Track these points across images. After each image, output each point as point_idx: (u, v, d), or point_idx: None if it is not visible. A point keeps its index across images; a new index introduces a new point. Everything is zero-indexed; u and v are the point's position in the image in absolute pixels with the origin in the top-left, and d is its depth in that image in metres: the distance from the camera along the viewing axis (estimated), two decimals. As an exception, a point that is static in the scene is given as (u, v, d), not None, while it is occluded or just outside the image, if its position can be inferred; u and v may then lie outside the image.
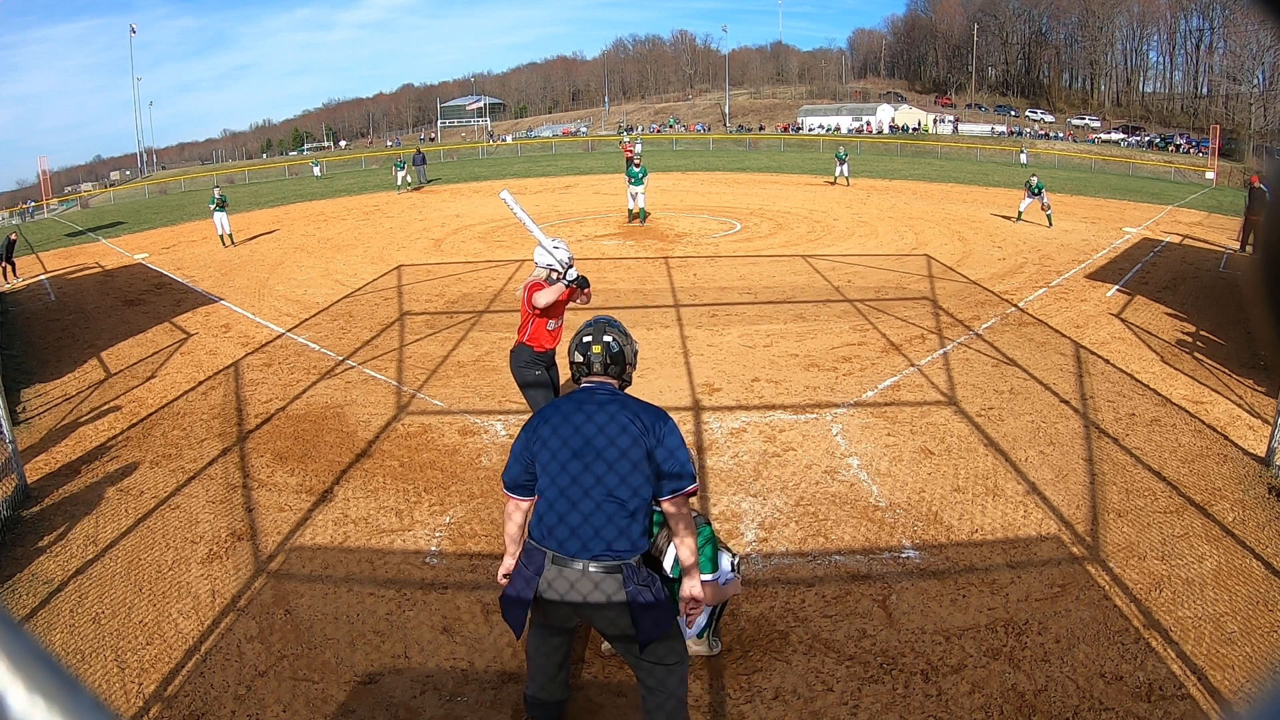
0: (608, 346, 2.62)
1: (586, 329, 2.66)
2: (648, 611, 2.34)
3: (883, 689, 3.10)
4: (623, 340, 2.67)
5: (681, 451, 2.45)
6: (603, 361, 2.60)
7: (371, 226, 17.25)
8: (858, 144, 46.95)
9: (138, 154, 62.77)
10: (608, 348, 2.62)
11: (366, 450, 5.50)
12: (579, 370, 2.63)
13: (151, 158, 63.73)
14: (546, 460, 2.43)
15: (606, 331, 2.66)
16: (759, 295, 9.71)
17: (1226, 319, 8.45)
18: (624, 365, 2.65)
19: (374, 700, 3.10)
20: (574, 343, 2.65)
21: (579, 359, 2.62)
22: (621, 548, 2.36)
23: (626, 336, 2.71)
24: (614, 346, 2.63)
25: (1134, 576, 3.83)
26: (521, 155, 46.69)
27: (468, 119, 75.63)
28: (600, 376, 2.60)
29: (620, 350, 2.64)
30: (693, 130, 63.53)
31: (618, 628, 2.40)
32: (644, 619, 2.34)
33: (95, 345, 8.69)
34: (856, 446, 5.36)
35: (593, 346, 2.61)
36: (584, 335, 2.65)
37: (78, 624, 3.62)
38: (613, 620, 2.38)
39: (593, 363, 2.60)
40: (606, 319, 2.73)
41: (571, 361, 2.65)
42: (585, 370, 2.61)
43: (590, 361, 2.60)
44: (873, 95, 68.78)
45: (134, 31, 57.49)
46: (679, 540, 2.46)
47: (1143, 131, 54.17)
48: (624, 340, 2.68)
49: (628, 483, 2.37)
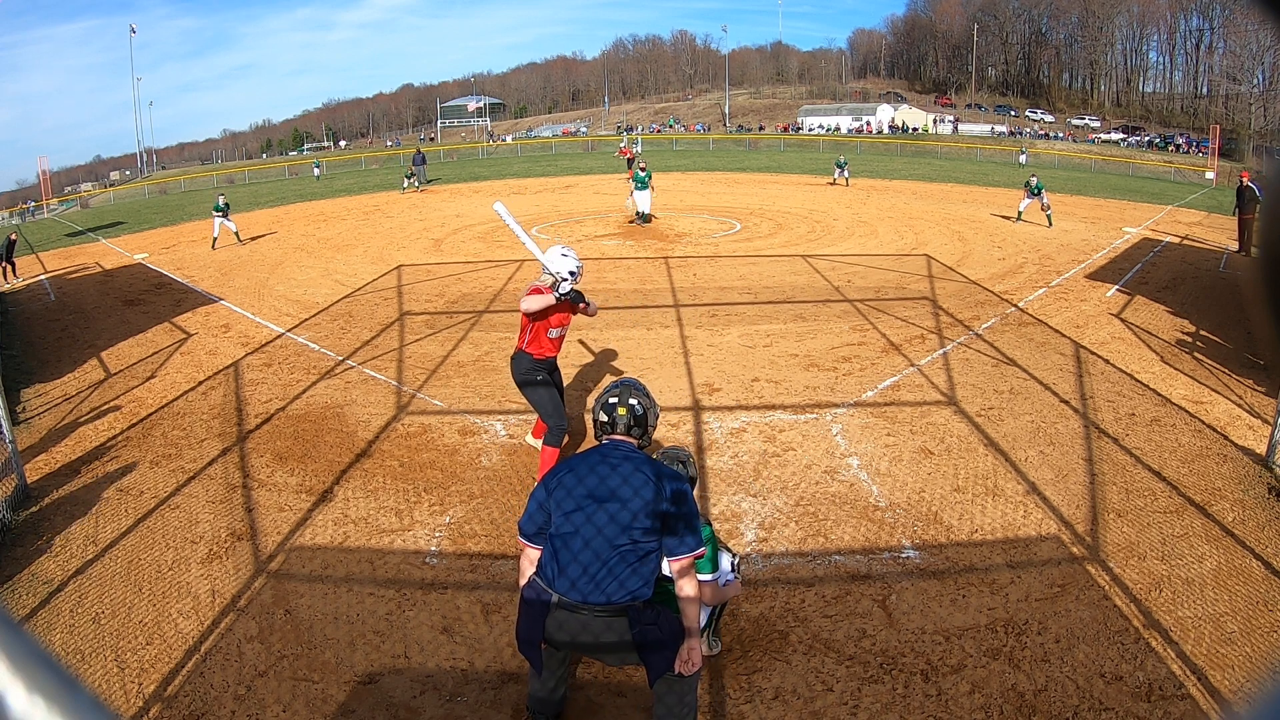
0: (632, 409, 2.77)
1: (612, 390, 2.82)
2: (655, 650, 2.44)
3: (883, 689, 3.10)
4: (646, 404, 2.81)
5: (694, 519, 2.55)
6: (626, 424, 2.75)
7: (371, 226, 17.25)
8: (857, 144, 46.98)
9: (138, 154, 62.83)
10: (632, 410, 2.77)
11: (366, 450, 5.50)
12: (602, 429, 2.78)
13: (151, 158, 63.77)
14: (563, 499, 2.54)
15: (632, 395, 2.81)
16: (759, 295, 9.71)
17: (1226, 319, 8.45)
18: (646, 428, 2.79)
19: (374, 700, 3.10)
20: (599, 402, 2.81)
21: (604, 419, 2.77)
22: (633, 586, 2.44)
23: (650, 400, 2.85)
24: (638, 409, 2.78)
25: (1134, 576, 3.83)
26: (521, 155, 46.69)
27: (468, 119, 75.64)
28: (622, 436, 2.74)
29: (644, 414, 2.79)
30: (693, 130, 63.55)
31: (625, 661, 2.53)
32: (652, 657, 2.44)
33: (95, 345, 8.69)
34: (856, 446, 5.36)
35: (618, 409, 2.77)
36: (610, 396, 2.80)
37: (78, 624, 3.62)
38: (620, 657, 2.50)
39: (617, 423, 2.75)
40: (632, 381, 2.90)
41: (595, 420, 2.80)
42: (609, 429, 2.76)
43: (615, 422, 2.76)
44: (873, 95, 68.80)
45: (134, 31, 57.55)
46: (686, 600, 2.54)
47: (1143, 131, 54.20)
48: (648, 404, 2.82)
49: (639, 523, 2.47)
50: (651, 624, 2.43)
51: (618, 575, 2.43)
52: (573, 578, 2.44)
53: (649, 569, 2.50)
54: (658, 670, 2.45)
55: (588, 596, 2.42)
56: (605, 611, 2.41)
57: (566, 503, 2.53)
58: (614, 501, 2.49)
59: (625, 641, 2.41)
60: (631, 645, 2.41)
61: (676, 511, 2.51)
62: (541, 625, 2.46)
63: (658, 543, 2.51)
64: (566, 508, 2.53)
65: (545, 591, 2.47)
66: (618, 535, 2.45)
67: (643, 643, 2.41)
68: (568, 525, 2.50)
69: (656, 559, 2.53)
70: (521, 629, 2.55)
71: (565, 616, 2.43)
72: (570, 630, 2.43)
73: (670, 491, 2.53)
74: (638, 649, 2.42)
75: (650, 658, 2.43)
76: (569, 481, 2.57)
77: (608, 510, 2.48)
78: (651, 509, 2.48)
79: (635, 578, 2.45)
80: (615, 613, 2.42)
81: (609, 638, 2.41)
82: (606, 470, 2.57)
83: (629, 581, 2.44)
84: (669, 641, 2.47)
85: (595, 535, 2.47)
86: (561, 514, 2.53)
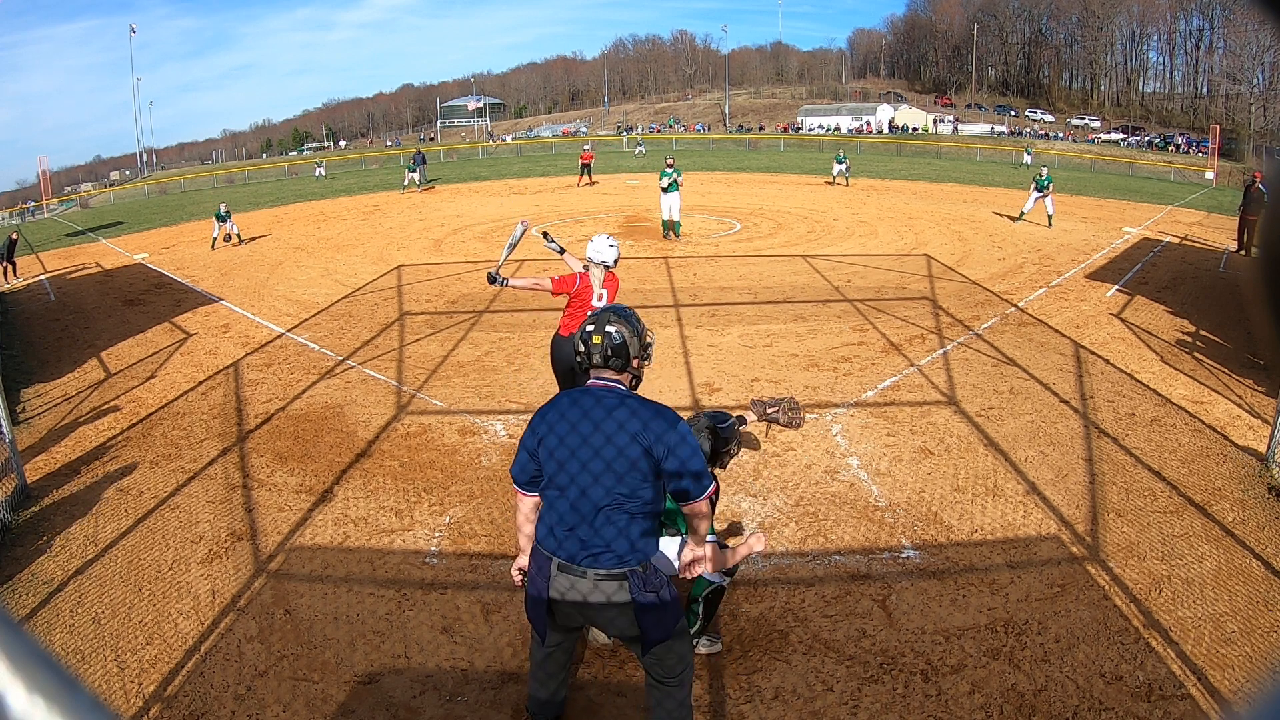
0: (609, 337, 2.43)
1: (591, 317, 2.50)
2: (652, 613, 2.32)
3: (883, 689, 3.10)
4: (628, 331, 2.46)
5: (695, 460, 2.34)
6: (602, 353, 2.42)
7: (371, 226, 17.25)
8: (857, 144, 46.96)
9: (138, 154, 62.82)
10: (609, 338, 2.43)
11: (366, 450, 5.50)
12: (581, 362, 2.48)
13: (151, 158, 63.77)
14: (546, 459, 2.36)
15: (611, 321, 2.47)
16: (759, 295, 9.71)
17: (1226, 319, 8.44)
18: (627, 358, 2.45)
19: (374, 700, 3.10)
20: (578, 331, 2.50)
21: (580, 349, 2.47)
22: (622, 550, 2.30)
23: (635, 327, 2.49)
24: (616, 338, 2.43)
25: (1134, 576, 3.83)
26: (521, 155, 46.68)
27: (468, 119, 75.64)
28: (603, 370, 2.44)
29: (623, 342, 2.43)
30: (692, 130, 63.55)
31: (622, 630, 2.38)
32: (648, 621, 2.32)
33: (95, 345, 8.69)
34: (856, 446, 5.36)
35: (593, 336, 2.44)
36: (587, 324, 2.48)
37: (78, 624, 3.62)
38: (620, 623, 2.35)
39: (592, 354, 2.43)
40: (618, 307, 2.56)
41: (574, 351, 2.50)
42: (586, 361, 2.46)
43: (590, 353, 2.44)
44: (873, 95, 68.81)
45: (134, 31, 57.55)
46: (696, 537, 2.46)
47: (1143, 131, 54.20)
48: (630, 331, 2.47)
49: (625, 482, 2.28)
50: (652, 591, 2.32)
51: (605, 539, 2.29)
52: (563, 542, 2.32)
53: (638, 529, 2.33)
54: (652, 637, 2.33)
55: (584, 560, 2.30)
56: (605, 575, 2.30)
57: (560, 451, 2.33)
58: (594, 458, 2.28)
59: (625, 603, 2.30)
60: (628, 607, 2.30)
61: (678, 457, 2.30)
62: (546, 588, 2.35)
63: (655, 492, 2.34)
64: (549, 469, 2.34)
65: (545, 559, 2.36)
66: (612, 489, 2.27)
67: (638, 605, 2.29)
68: (562, 476, 2.32)
69: (646, 519, 2.35)
70: (529, 594, 2.43)
71: (566, 580, 2.33)
72: (571, 593, 2.32)
73: (668, 437, 2.30)
74: (635, 613, 2.30)
75: (646, 623, 2.31)
76: (561, 429, 2.34)
77: (603, 458, 2.28)
78: (630, 458, 2.28)
79: (622, 540, 2.30)
80: (616, 577, 2.30)
81: (610, 598, 2.30)
82: (601, 415, 2.32)
83: (616, 545, 2.30)
84: (668, 605, 2.37)
85: (580, 498, 2.29)
86: (554, 463, 2.34)
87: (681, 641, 2.48)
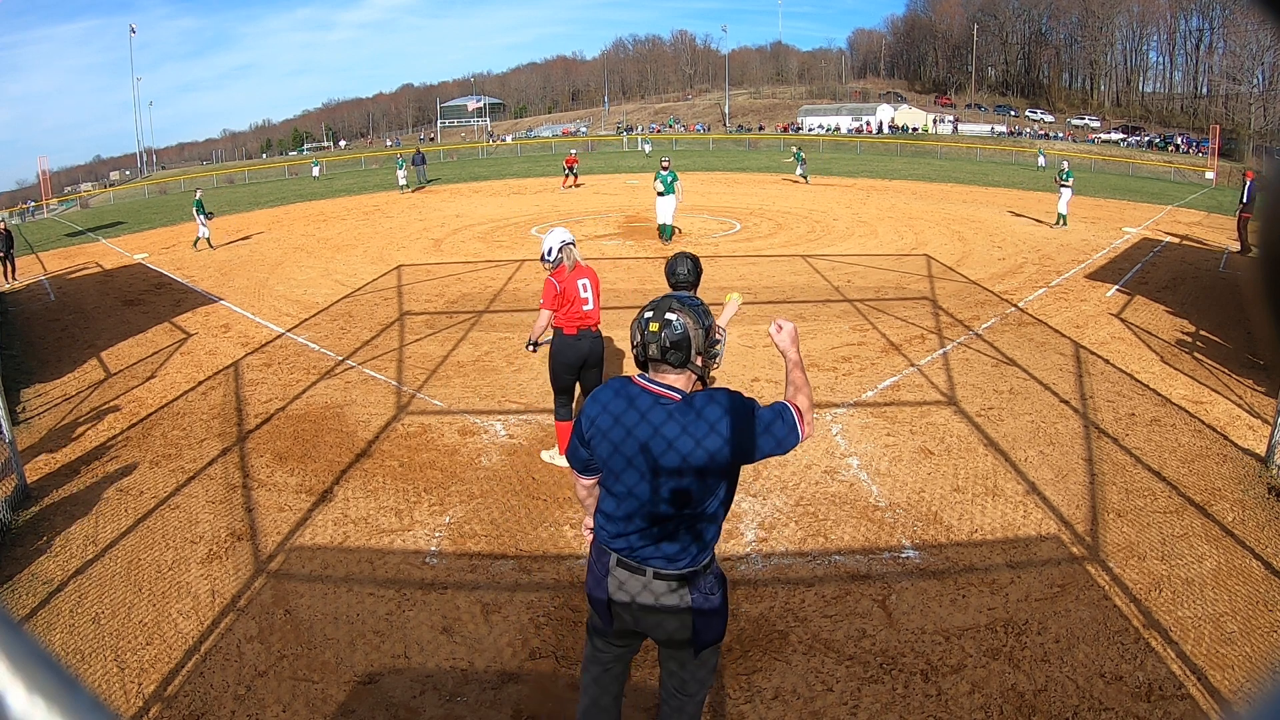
0: (669, 326, 2.14)
1: (651, 304, 2.24)
2: (708, 618, 2.25)
3: (883, 689, 3.10)
4: (691, 321, 2.16)
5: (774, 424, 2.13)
6: (660, 345, 2.13)
7: (371, 226, 17.25)
8: (857, 144, 46.98)
9: (138, 154, 62.86)
10: (669, 328, 2.13)
11: (366, 450, 5.50)
12: (637, 354, 2.22)
13: (151, 158, 63.79)
14: (607, 456, 2.18)
15: (673, 308, 2.17)
16: (759, 295, 9.71)
17: (1226, 319, 8.44)
18: (689, 353, 2.16)
19: (374, 700, 3.10)
20: (636, 319, 2.23)
21: (636, 338, 2.20)
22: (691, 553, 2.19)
23: (700, 317, 2.20)
24: (678, 328, 2.13)
25: (1134, 576, 3.83)
26: (521, 155, 46.68)
27: (468, 119, 75.65)
28: (660, 365, 2.17)
29: (684, 334, 2.13)
30: (692, 130, 63.56)
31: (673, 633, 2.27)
32: (703, 625, 2.24)
33: (95, 345, 8.69)
34: (856, 446, 5.36)
35: (650, 324, 2.16)
36: (645, 310, 2.22)
37: (78, 624, 3.62)
38: (672, 626, 2.25)
39: (649, 344, 2.15)
40: (684, 295, 2.28)
41: (632, 342, 2.23)
42: (642, 353, 2.19)
43: (646, 342, 2.16)
44: (872, 95, 68.82)
45: (134, 32, 57.59)
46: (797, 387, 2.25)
47: (1142, 131, 54.22)
48: (694, 322, 2.17)
49: (689, 493, 2.10)
50: (710, 593, 2.24)
51: (680, 541, 2.15)
52: (631, 541, 2.18)
53: (714, 529, 2.19)
54: (704, 639, 2.25)
55: (647, 560, 2.17)
56: (667, 576, 2.17)
57: (615, 460, 2.14)
58: (671, 454, 2.07)
59: (681, 608, 2.20)
60: (687, 611, 2.20)
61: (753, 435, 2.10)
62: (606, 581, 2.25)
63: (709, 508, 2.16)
64: (615, 466, 2.15)
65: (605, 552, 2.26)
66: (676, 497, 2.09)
67: (697, 609, 2.20)
68: (618, 485, 2.16)
69: (721, 514, 2.21)
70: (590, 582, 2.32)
71: (626, 576, 2.22)
72: (630, 590, 2.22)
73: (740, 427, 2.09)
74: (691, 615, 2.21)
75: (701, 626, 2.23)
76: (616, 435, 2.13)
77: (664, 466, 2.08)
78: (717, 459, 2.08)
79: (696, 543, 2.16)
80: (675, 579, 2.18)
81: (669, 601, 2.20)
82: (662, 417, 2.10)
83: (690, 548, 2.16)
84: (721, 610, 2.28)
85: (650, 496, 2.11)
86: (609, 470, 2.17)
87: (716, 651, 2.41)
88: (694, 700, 2.43)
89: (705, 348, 2.21)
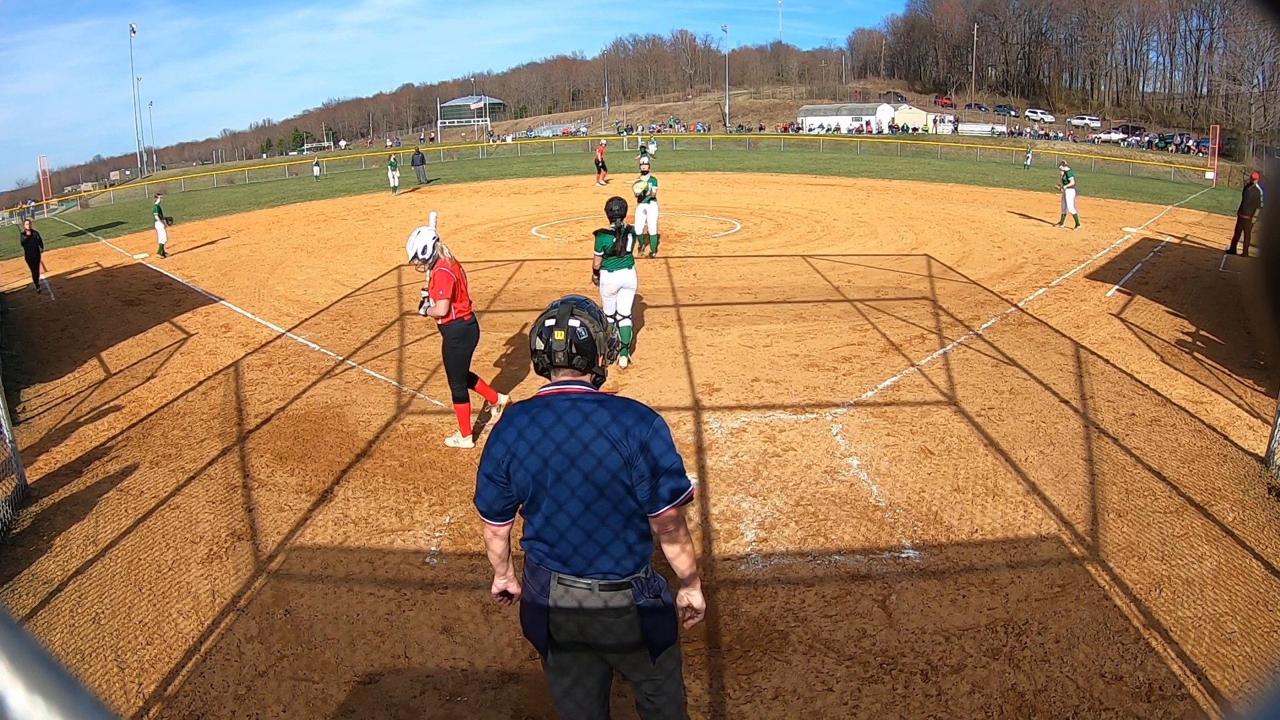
0: (573, 333, 2.16)
1: (551, 310, 2.23)
2: (655, 617, 2.20)
3: (883, 689, 3.10)
4: (594, 326, 2.21)
5: (668, 458, 2.10)
6: (566, 351, 2.16)
7: (371, 226, 17.25)
8: (857, 144, 46.94)
9: (138, 154, 62.84)
10: (573, 334, 2.16)
11: (366, 450, 5.50)
12: (540, 361, 2.21)
13: (151, 158, 63.77)
14: (527, 482, 2.13)
15: (575, 314, 2.20)
16: (759, 295, 9.71)
17: (1226, 319, 8.44)
18: (594, 357, 2.19)
19: (374, 700, 3.10)
20: (535, 326, 2.22)
21: (539, 346, 2.19)
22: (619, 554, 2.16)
23: (600, 321, 2.24)
24: (581, 333, 2.17)
25: (1134, 576, 3.83)
26: (521, 155, 46.68)
27: (468, 119, 75.65)
28: (566, 370, 2.20)
29: (589, 338, 2.18)
30: (692, 130, 63.55)
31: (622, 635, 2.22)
32: (651, 625, 2.20)
33: (95, 345, 8.69)
34: (856, 446, 5.36)
35: (555, 332, 2.17)
36: (546, 318, 2.20)
37: (78, 624, 3.62)
38: (620, 629, 2.20)
39: (554, 351, 2.17)
40: (578, 299, 2.28)
41: (531, 349, 2.22)
42: (547, 361, 2.19)
43: (552, 350, 2.17)
44: (873, 95, 68.77)
45: (134, 31, 57.51)
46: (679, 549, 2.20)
47: (1143, 131, 54.20)
48: (596, 325, 2.21)
49: (607, 495, 2.10)
50: (656, 594, 2.19)
51: (602, 547, 2.12)
52: (562, 557, 2.13)
53: (634, 534, 2.15)
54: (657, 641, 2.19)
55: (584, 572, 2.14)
56: (604, 587, 2.14)
57: (544, 475, 2.10)
58: (570, 469, 2.07)
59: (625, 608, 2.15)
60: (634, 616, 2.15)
61: (643, 456, 2.07)
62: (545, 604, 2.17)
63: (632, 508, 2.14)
64: (545, 480, 2.10)
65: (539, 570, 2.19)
66: (597, 500, 2.08)
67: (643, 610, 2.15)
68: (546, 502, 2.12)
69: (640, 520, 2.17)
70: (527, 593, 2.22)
71: (562, 592, 2.16)
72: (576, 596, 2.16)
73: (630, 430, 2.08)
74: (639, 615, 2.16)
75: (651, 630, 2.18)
76: (532, 435, 2.11)
77: (580, 469, 2.07)
78: (611, 470, 2.08)
79: (619, 544, 2.13)
80: (615, 587, 2.14)
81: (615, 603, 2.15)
82: (577, 419, 2.09)
83: (613, 549, 2.13)
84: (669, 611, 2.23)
85: (569, 499, 2.09)
86: (533, 494, 2.12)
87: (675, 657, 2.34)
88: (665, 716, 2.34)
89: (606, 348, 2.24)
